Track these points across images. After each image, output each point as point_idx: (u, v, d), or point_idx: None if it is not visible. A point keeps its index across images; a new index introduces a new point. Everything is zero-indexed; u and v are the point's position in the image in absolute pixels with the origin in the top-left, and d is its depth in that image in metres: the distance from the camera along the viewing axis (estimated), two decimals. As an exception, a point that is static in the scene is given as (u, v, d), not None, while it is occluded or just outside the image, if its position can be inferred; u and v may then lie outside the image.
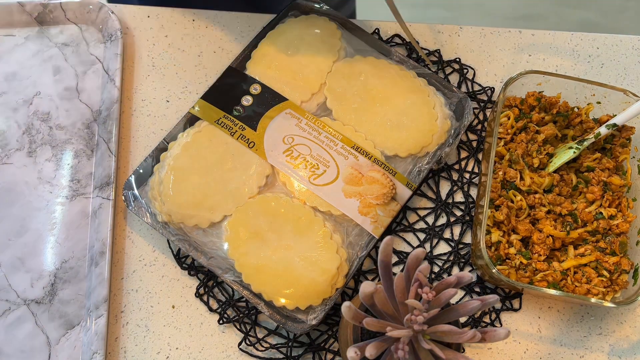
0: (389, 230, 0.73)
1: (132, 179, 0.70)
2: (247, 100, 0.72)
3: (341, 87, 0.74)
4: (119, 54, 0.76)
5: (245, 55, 0.76)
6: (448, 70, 0.81)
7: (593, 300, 0.65)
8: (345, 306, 0.50)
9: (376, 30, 0.82)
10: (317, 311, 0.65)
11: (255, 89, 0.73)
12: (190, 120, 0.73)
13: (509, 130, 0.73)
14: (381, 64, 0.75)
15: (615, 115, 0.73)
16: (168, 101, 0.78)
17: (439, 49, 0.81)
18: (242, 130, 0.71)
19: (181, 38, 0.81)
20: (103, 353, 0.65)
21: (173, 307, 0.70)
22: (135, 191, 0.70)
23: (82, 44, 0.79)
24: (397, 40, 0.82)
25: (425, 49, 0.81)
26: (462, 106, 0.74)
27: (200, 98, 0.73)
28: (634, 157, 0.73)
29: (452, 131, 0.73)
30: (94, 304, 0.67)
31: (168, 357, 0.68)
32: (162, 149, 0.72)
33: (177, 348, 0.69)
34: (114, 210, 0.70)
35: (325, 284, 0.65)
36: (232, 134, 0.71)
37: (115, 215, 0.71)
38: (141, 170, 0.71)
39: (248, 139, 0.70)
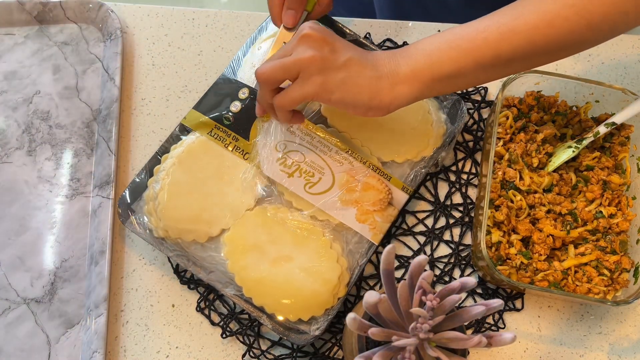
0: (388, 235, 0.73)
1: (127, 193, 0.69)
2: (235, 107, 0.70)
3: None
4: (118, 53, 0.76)
5: (237, 63, 0.74)
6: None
7: (594, 299, 0.65)
8: (350, 318, 0.50)
9: (367, 35, 0.81)
10: (320, 322, 0.65)
11: (243, 93, 0.71)
12: (183, 131, 0.71)
13: (508, 130, 0.73)
14: None
15: (614, 113, 0.73)
16: (168, 100, 0.78)
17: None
18: (236, 141, 0.69)
19: (181, 37, 0.81)
20: (103, 352, 0.65)
21: (173, 306, 0.70)
22: (131, 206, 0.68)
23: (81, 42, 0.79)
24: (389, 44, 0.81)
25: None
26: (455, 109, 0.74)
27: (192, 108, 0.71)
28: (632, 156, 0.73)
29: (448, 134, 0.73)
30: (94, 303, 0.67)
31: (168, 356, 0.68)
32: (156, 161, 0.70)
33: (177, 347, 0.69)
34: (114, 209, 0.70)
35: (327, 294, 0.65)
36: (226, 145, 0.69)
37: (115, 214, 0.71)
38: (137, 181, 0.69)
39: (242, 149, 0.69)
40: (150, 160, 0.70)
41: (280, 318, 0.65)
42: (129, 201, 0.69)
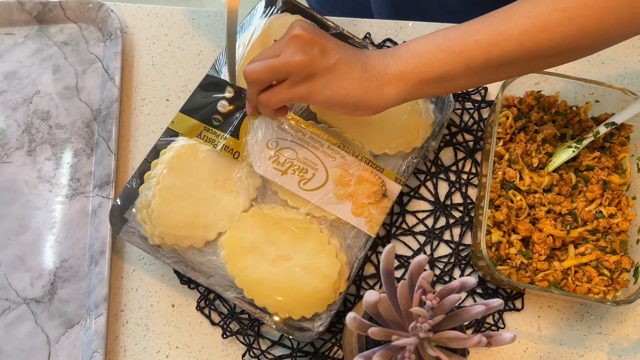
0: (388, 235, 0.73)
1: (118, 203, 0.67)
2: (222, 106, 0.69)
3: None
4: (118, 53, 0.76)
5: (221, 61, 0.72)
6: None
7: (594, 299, 0.65)
8: (350, 317, 0.50)
9: (367, 35, 0.81)
10: (323, 317, 0.65)
11: (229, 92, 0.70)
12: (172, 134, 0.69)
13: (508, 130, 0.74)
14: None
15: (614, 113, 0.73)
16: (168, 100, 0.78)
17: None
18: (225, 140, 0.68)
19: (181, 37, 0.81)
20: (103, 352, 0.65)
21: (173, 306, 0.70)
22: (124, 215, 0.67)
23: (81, 42, 0.79)
24: (389, 44, 0.81)
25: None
26: (442, 98, 0.74)
27: (179, 111, 0.70)
28: (632, 156, 0.73)
29: (436, 123, 0.73)
30: (94, 303, 0.67)
31: (168, 356, 0.68)
32: (146, 167, 0.69)
33: (177, 347, 0.69)
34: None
35: (329, 290, 0.65)
36: (215, 146, 0.67)
37: (115, 214, 0.71)
38: (129, 188, 0.68)
39: (232, 149, 0.68)
40: (140, 167, 0.69)
41: (283, 317, 0.65)
42: (121, 210, 0.67)
